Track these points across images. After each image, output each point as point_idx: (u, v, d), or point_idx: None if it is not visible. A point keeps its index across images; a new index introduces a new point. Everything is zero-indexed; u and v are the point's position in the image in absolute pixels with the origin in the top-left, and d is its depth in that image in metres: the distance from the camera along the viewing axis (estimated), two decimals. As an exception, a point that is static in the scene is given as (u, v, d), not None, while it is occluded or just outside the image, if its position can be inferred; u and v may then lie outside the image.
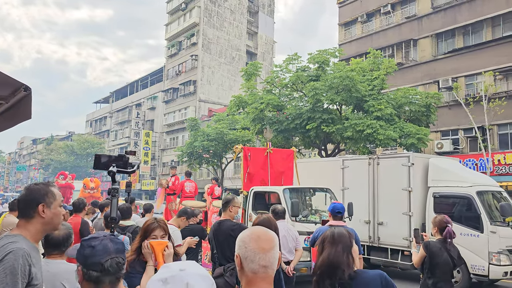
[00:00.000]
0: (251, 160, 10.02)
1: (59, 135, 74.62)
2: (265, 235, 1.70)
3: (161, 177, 13.50)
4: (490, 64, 22.53)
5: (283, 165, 10.74)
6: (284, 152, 11.30)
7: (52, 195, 2.32)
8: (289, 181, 10.54)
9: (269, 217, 4.37)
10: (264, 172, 10.19)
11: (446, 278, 4.67)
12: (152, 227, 3.33)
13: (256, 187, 9.60)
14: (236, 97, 20.47)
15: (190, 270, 1.35)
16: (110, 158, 3.12)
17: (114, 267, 1.83)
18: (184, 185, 11.86)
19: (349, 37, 31.03)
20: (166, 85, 47.91)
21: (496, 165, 21.39)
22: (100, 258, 1.82)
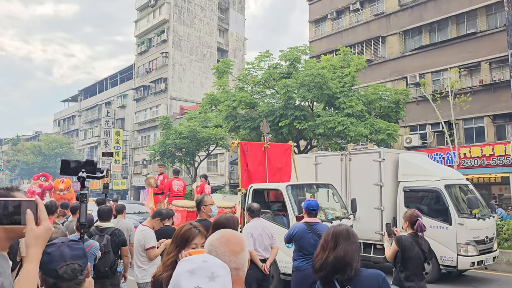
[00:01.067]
0: (249, 155, 9.42)
1: (26, 135, 72.34)
2: (234, 237, 1.72)
3: (149, 176, 12.80)
4: (455, 60, 23.24)
5: (281, 161, 10.19)
6: (282, 146, 10.79)
7: None
8: (287, 178, 10.05)
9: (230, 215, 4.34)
10: (263, 169, 9.66)
11: (417, 271, 4.78)
12: (192, 234, 2.80)
13: (255, 184, 9.09)
14: (208, 94, 20.36)
15: (212, 261, 1.44)
16: (79, 164, 3.06)
17: (69, 273, 1.80)
18: (172, 183, 11.28)
19: (319, 34, 31.34)
20: (137, 83, 47.18)
21: (462, 159, 22.12)
22: (55, 265, 1.80)
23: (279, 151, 10.25)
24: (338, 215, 8.78)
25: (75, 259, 1.84)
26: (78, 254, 1.86)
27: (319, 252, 2.78)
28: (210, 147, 27.96)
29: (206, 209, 5.43)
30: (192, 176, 29.00)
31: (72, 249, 1.86)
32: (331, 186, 9.61)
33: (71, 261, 1.82)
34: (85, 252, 1.92)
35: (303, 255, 5.48)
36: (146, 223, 5.90)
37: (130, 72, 49.62)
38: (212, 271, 1.39)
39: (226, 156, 35.29)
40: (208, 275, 1.37)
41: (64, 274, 1.79)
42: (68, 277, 1.80)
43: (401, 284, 4.73)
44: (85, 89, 58.09)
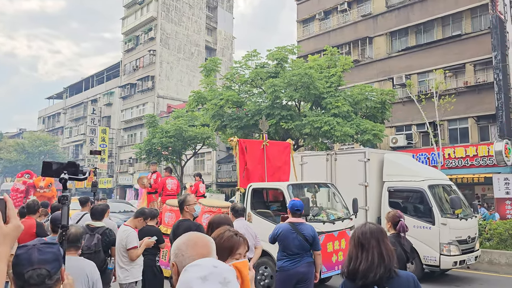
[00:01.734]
0: (248, 153, 9.09)
1: (9, 132, 71.19)
2: (201, 240, 1.69)
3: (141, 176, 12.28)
4: (440, 62, 23.50)
5: (280, 159, 9.85)
6: (281, 144, 10.46)
7: None
8: (286, 177, 9.79)
9: (225, 216, 4.35)
10: (261, 167, 9.33)
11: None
12: (236, 242, 2.39)
13: (254, 184, 8.76)
14: (195, 92, 20.26)
15: (222, 266, 1.42)
16: (61, 165, 3.02)
17: (35, 279, 1.75)
18: (165, 182, 10.90)
19: (307, 34, 31.41)
20: (123, 81, 46.76)
21: (447, 159, 22.37)
22: (22, 269, 1.76)
23: (278, 149, 9.99)
24: (340, 216, 8.59)
25: (43, 263, 1.78)
26: (46, 258, 1.80)
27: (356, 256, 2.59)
28: (197, 146, 27.83)
29: (190, 209, 5.39)
30: (178, 175, 28.84)
31: (41, 253, 1.80)
32: (332, 185, 9.42)
33: (38, 265, 1.76)
34: (58, 257, 1.86)
35: (287, 255, 5.49)
36: (128, 223, 5.84)
37: (117, 69, 49.16)
38: (224, 276, 1.38)
39: (213, 155, 35.20)
40: (221, 280, 1.36)
41: (29, 278, 1.74)
42: (34, 282, 1.75)
43: None
44: (70, 86, 57.39)
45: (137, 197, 40.48)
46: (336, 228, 8.13)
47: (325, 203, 9.41)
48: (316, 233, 5.60)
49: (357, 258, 2.61)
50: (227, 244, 2.35)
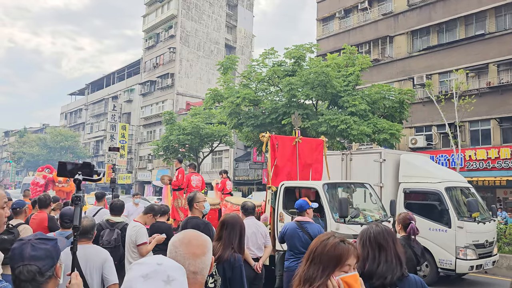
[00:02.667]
0: (278, 150, 8.65)
1: (33, 127, 72.85)
2: (196, 240, 1.66)
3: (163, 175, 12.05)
4: (462, 62, 23.02)
5: (312, 157, 9.36)
6: (314, 141, 9.93)
7: None
8: (318, 175, 9.34)
9: (237, 214, 4.32)
10: (292, 165, 8.88)
11: (410, 272, 4.74)
12: (344, 251, 1.97)
13: (287, 182, 8.34)
14: (212, 90, 20.33)
15: (167, 263, 1.36)
16: (76, 166, 3.07)
17: (25, 274, 1.75)
18: (190, 179, 10.51)
19: (327, 32, 31.17)
20: (144, 78, 47.26)
21: (467, 161, 21.91)
22: (13, 263, 1.77)
23: (311, 146, 9.50)
24: (378, 218, 8.11)
25: (34, 260, 1.78)
26: (38, 255, 1.80)
27: (374, 256, 2.56)
28: (214, 143, 27.93)
29: (199, 206, 5.39)
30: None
31: (34, 249, 1.81)
32: (368, 185, 8.95)
33: (29, 261, 1.77)
34: (51, 254, 1.85)
35: (293, 254, 5.46)
36: (138, 219, 5.86)
37: (137, 66, 49.71)
38: (168, 274, 1.32)
39: (231, 152, 35.28)
40: (164, 279, 1.31)
41: (20, 274, 1.76)
42: (24, 277, 1.75)
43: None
44: (92, 83, 58.32)
45: (156, 193, 40.92)
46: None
47: (361, 204, 8.99)
48: (323, 232, 5.52)
49: (375, 259, 2.57)
50: (333, 252, 1.96)
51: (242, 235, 3.89)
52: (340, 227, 7.21)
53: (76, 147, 51.26)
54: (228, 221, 3.92)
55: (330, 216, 7.34)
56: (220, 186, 11.59)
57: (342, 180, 9.77)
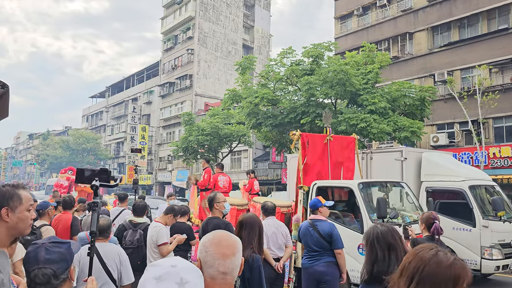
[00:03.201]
0: (309, 148, 8.36)
1: (56, 130, 74.40)
2: (226, 240, 1.65)
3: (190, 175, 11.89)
4: (485, 57, 22.50)
5: (343, 155, 9.06)
6: (345, 139, 9.57)
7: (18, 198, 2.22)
8: (350, 174, 9.05)
9: (255, 215, 4.32)
10: (322, 163, 8.56)
11: None
12: (463, 271, 1.60)
13: (319, 181, 8.04)
14: (230, 91, 20.39)
15: (181, 265, 1.37)
16: (94, 172, 3.12)
17: (40, 278, 1.78)
18: (217, 179, 10.30)
19: (345, 30, 30.89)
20: (162, 79, 47.72)
21: (492, 158, 21.41)
22: (28, 267, 1.80)
23: (342, 144, 9.19)
24: (415, 218, 7.61)
25: (48, 263, 1.81)
26: (53, 258, 1.83)
27: (384, 257, 2.53)
28: (233, 143, 28.00)
29: (219, 206, 5.40)
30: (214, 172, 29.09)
31: (48, 253, 1.83)
32: (404, 184, 8.62)
33: (43, 265, 1.80)
34: (65, 257, 1.88)
35: (307, 252, 5.52)
36: (159, 219, 5.92)
37: (156, 68, 50.22)
38: (181, 276, 1.32)
39: (250, 152, 35.30)
40: (177, 281, 1.31)
41: (35, 277, 1.79)
42: (39, 281, 1.78)
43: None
44: (112, 85, 59.16)
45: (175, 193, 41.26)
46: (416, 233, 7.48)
47: (397, 204, 8.62)
48: (334, 231, 5.44)
49: (384, 259, 2.53)
50: (450, 273, 1.57)
51: (261, 235, 3.88)
52: None
53: (97, 149, 52.10)
54: (246, 221, 3.92)
55: (367, 216, 7.05)
56: (248, 187, 11.37)
57: (377, 179, 9.41)
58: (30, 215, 2.29)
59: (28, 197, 2.30)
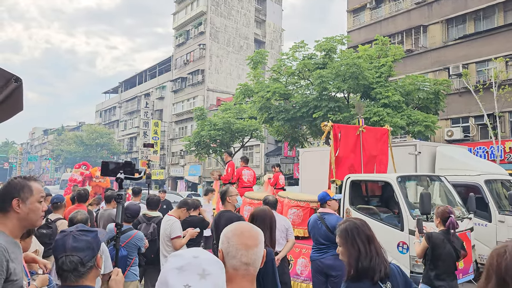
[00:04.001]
0: (341, 140, 7.94)
1: (70, 126, 75.29)
2: (249, 231, 1.65)
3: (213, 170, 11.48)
4: (501, 50, 22.09)
5: (376, 148, 8.57)
6: (378, 131, 9.10)
7: (29, 190, 2.24)
8: (383, 168, 8.58)
9: (267, 208, 4.30)
10: (355, 156, 8.11)
11: (449, 270, 4.60)
12: None
13: (353, 175, 7.62)
14: (242, 85, 20.36)
15: (203, 256, 1.36)
16: (118, 165, 3.16)
17: (67, 265, 1.82)
18: (241, 173, 9.84)
19: (357, 24, 30.60)
20: (175, 75, 47.88)
21: (508, 153, 21.06)
22: (57, 254, 1.84)
23: (375, 136, 8.71)
24: (458, 215, 7.10)
25: (76, 251, 1.85)
26: (79, 246, 1.86)
27: (365, 251, 2.52)
28: (245, 138, 28.01)
29: (232, 200, 5.40)
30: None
31: (75, 240, 1.87)
32: (444, 178, 8.10)
33: (70, 252, 1.83)
34: (91, 245, 1.91)
35: (316, 245, 5.52)
36: (172, 213, 5.95)
37: (168, 64, 50.40)
38: (203, 267, 1.31)
39: (262, 147, 35.28)
40: (199, 272, 1.30)
41: (62, 264, 1.82)
42: (67, 268, 1.82)
43: (431, 283, 4.57)
44: (125, 81, 59.56)
45: (188, 188, 41.47)
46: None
47: (436, 199, 8.09)
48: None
49: (367, 253, 2.51)
50: None
51: (272, 228, 3.88)
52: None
53: (111, 144, 52.57)
54: (257, 215, 3.93)
55: (407, 212, 6.52)
56: (273, 181, 10.89)
57: (417, 173, 8.93)
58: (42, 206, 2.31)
59: (39, 188, 2.32)
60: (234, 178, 9.75)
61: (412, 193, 7.75)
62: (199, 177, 40.66)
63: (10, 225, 2.20)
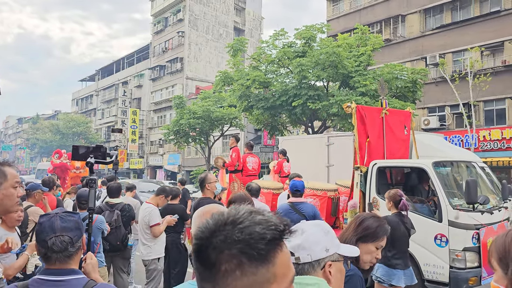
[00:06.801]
0: (367, 123, 7.23)
1: (45, 114, 73.57)
2: (218, 210, 1.63)
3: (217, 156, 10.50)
4: (477, 40, 22.49)
5: (401, 132, 8.02)
6: (401, 114, 8.53)
7: (2, 175, 2.17)
8: (406, 153, 8.06)
9: (244, 193, 4.29)
10: (378, 141, 7.49)
11: (404, 248, 4.96)
12: None
13: (380, 161, 6.96)
14: (222, 72, 20.21)
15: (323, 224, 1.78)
16: (88, 149, 3.10)
17: (58, 245, 1.81)
18: (246, 160, 9.31)
19: (337, 12, 30.66)
20: (153, 63, 47.21)
21: (482, 141, 21.59)
22: (45, 236, 1.82)
23: (399, 119, 8.13)
24: (495, 204, 6.61)
25: (65, 231, 1.85)
26: (68, 226, 1.87)
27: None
28: (224, 127, 27.91)
29: (211, 187, 5.37)
30: (206, 156, 29.07)
31: (64, 221, 1.87)
32: (476, 164, 7.52)
33: (60, 233, 1.83)
34: (79, 225, 1.93)
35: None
36: (150, 201, 5.91)
37: (146, 51, 49.62)
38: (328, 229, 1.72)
39: (242, 136, 35.27)
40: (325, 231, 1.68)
41: (53, 245, 1.81)
42: (57, 248, 1.81)
43: (389, 262, 4.88)
44: (102, 69, 58.45)
45: (167, 177, 41.20)
46: (494, 219, 6.18)
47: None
48: (317, 212, 5.36)
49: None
50: None
51: None
52: (460, 215, 5.80)
53: (88, 132, 51.69)
54: (236, 199, 3.92)
55: (446, 202, 5.91)
56: (277, 168, 10.16)
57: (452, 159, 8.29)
58: (17, 192, 2.24)
59: (14, 174, 2.25)
60: (239, 165, 9.18)
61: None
62: (179, 166, 40.42)
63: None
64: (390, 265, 4.85)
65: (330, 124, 19.15)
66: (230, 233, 0.76)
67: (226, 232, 0.77)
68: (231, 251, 0.75)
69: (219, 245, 0.76)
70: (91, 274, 2.11)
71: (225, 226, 0.78)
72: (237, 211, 0.82)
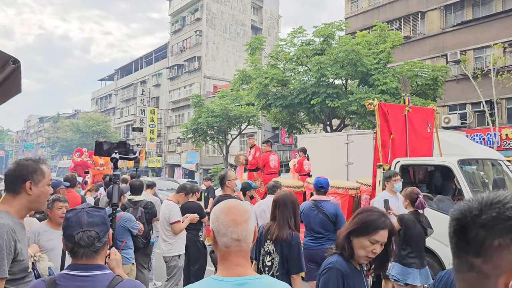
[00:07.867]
0: (390, 121, 7.16)
1: (66, 113, 74.87)
2: (237, 208, 1.64)
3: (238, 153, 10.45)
4: (499, 36, 22.02)
5: (424, 129, 7.89)
6: (425, 111, 8.37)
7: (41, 172, 2.25)
8: (429, 151, 7.95)
9: (289, 192, 4.23)
10: (402, 138, 7.40)
11: (420, 248, 4.92)
12: None
13: (403, 159, 6.88)
14: (240, 71, 20.21)
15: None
16: (112, 145, 3.12)
17: (85, 240, 1.82)
18: (268, 158, 9.19)
19: (355, 10, 30.38)
20: (171, 62, 47.54)
21: (504, 140, 21.14)
22: (72, 231, 1.83)
23: (423, 116, 8.01)
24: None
25: (92, 226, 1.86)
26: (95, 221, 1.88)
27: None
28: (242, 125, 27.95)
29: (231, 184, 5.37)
30: (224, 154, 29.16)
31: (90, 216, 1.88)
32: (502, 162, 7.50)
33: (87, 228, 1.84)
34: (105, 220, 1.93)
35: (310, 233, 5.39)
36: (171, 198, 5.96)
37: (164, 50, 49.99)
38: None
39: (259, 134, 35.25)
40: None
41: (80, 240, 1.82)
42: (84, 243, 1.82)
43: (404, 261, 4.84)
44: (121, 68, 59.13)
45: (185, 176, 41.48)
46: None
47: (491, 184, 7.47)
48: (339, 211, 5.33)
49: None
50: None
51: (296, 212, 3.90)
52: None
53: (107, 131, 52.40)
54: (279, 200, 3.93)
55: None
56: (297, 167, 10.00)
57: (475, 157, 8.33)
58: (49, 189, 2.31)
59: (49, 172, 2.34)
60: (260, 164, 9.14)
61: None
62: (196, 164, 40.63)
63: (18, 207, 2.20)
64: (405, 264, 4.82)
65: (349, 122, 19.00)
66: (502, 210, 0.81)
67: (498, 209, 0.81)
68: (504, 226, 0.79)
69: (490, 222, 0.81)
70: (115, 270, 2.12)
71: (495, 205, 0.83)
72: (497, 194, 0.86)
